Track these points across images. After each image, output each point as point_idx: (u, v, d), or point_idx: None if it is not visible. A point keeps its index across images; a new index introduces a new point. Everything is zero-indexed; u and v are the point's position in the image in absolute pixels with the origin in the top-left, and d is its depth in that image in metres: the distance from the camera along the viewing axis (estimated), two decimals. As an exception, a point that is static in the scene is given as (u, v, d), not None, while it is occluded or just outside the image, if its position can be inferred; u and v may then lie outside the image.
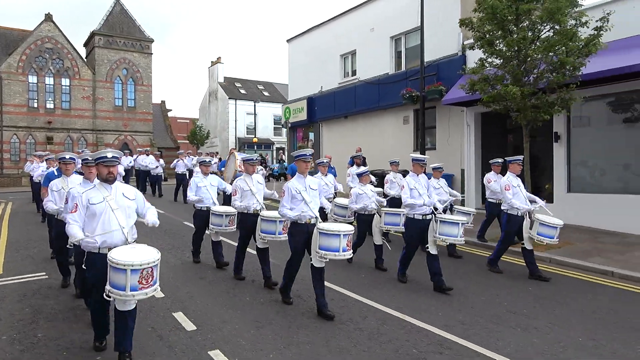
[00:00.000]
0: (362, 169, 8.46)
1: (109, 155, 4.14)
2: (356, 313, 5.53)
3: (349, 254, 5.35)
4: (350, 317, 5.39)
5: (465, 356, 4.40)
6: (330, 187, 9.27)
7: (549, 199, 10.95)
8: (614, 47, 10.04)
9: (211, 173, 8.21)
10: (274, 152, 41.39)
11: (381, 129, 17.31)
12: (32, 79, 34.72)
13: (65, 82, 35.87)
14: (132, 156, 18.93)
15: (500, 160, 9.11)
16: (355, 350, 4.52)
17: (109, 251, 3.91)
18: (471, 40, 10.03)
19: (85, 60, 37.41)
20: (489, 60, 9.85)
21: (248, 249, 6.97)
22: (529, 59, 8.94)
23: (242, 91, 43.08)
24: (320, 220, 5.49)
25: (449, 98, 13.37)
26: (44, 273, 7.10)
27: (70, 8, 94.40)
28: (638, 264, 8.03)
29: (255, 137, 37.16)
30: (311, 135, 22.17)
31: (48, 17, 35.39)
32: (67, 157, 6.31)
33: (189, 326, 5.01)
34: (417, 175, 6.80)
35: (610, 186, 11.22)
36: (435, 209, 6.57)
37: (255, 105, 36.55)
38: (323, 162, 9.37)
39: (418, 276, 7.07)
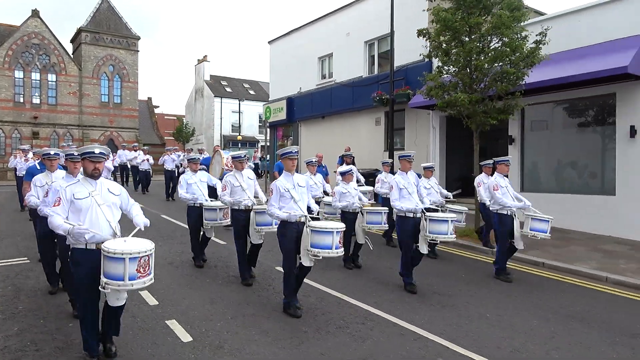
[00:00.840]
0: (346, 167, 8.47)
1: (96, 151, 4.09)
2: (303, 294, 5.96)
3: (341, 251, 5.32)
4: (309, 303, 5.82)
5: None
6: (319, 187, 9.15)
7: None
8: (566, 56, 10.99)
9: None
10: (259, 150, 42.07)
11: (355, 130, 18.14)
12: (19, 74, 34.96)
13: (51, 77, 36.16)
14: (136, 152, 17.91)
15: (490, 161, 9.03)
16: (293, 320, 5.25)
17: (96, 247, 3.90)
18: (429, 50, 10.83)
19: (71, 56, 37.70)
20: (446, 68, 10.69)
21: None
22: (477, 68, 9.78)
23: (228, 89, 43.65)
24: (310, 219, 5.42)
25: (415, 102, 14.22)
26: (26, 258, 7.80)
27: (57, 4, 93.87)
28: (568, 256, 8.93)
29: (239, 135, 37.78)
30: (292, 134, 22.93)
31: (35, 13, 35.64)
32: (52, 152, 6.22)
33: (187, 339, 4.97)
34: (406, 173, 6.71)
35: (557, 186, 12.17)
36: (425, 209, 6.53)
37: (239, 103, 37.14)
38: (312, 161, 9.16)
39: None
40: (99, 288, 3.80)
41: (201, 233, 7.63)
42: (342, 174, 8.05)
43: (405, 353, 4.57)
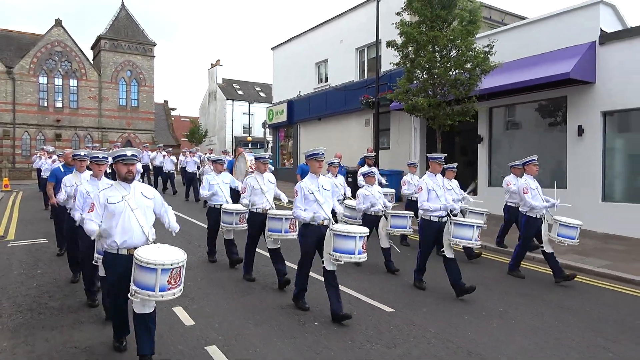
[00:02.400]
0: (366, 168, 8.20)
1: (128, 153, 4.03)
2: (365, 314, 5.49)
3: (364, 257, 5.16)
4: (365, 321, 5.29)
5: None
6: (341, 188, 8.90)
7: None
8: (523, 63, 12.16)
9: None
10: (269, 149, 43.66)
11: (347, 130, 19.47)
12: (43, 80, 37.26)
13: (73, 83, 38.38)
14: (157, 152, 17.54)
15: (519, 162, 8.72)
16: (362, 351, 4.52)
17: (128, 252, 3.87)
18: (398, 59, 12.12)
19: (92, 62, 39.90)
20: (414, 75, 11.98)
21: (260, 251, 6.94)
22: (437, 76, 11.05)
23: (240, 92, 45.40)
24: (334, 222, 5.34)
25: (395, 105, 15.47)
26: (45, 239, 9.38)
27: (79, 13, 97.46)
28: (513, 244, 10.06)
29: (249, 136, 39.40)
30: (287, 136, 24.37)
31: (58, 23, 37.90)
32: (82, 154, 6.29)
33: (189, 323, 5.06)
34: (435, 175, 6.52)
35: (521, 181, 13.28)
36: (452, 211, 6.41)
37: (249, 105, 38.76)
38: (334, 162, 8.92)
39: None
40: (128, 295, 3.74)
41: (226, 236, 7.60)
42: (364, 175, 7.93)
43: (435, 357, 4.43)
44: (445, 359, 4.44)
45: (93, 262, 3.85)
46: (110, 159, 4.96)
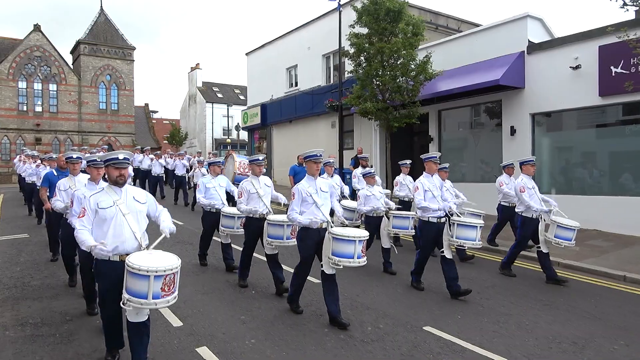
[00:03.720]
0: (367, 169, 8.12)
1: (120, 156, 3.94)
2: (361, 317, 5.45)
3: (363, 261, 5.05)
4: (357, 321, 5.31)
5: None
6: (337, 188, 8.61)
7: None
8: (465, 70, 13.48)
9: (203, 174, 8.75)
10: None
11: (315, 132, 20.67)
12: (22, 84, 37.74)
13: (52, 87, 38.91)
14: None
15: (512, 162, 9.07)
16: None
17: (119, 258, 3.75)
18: (352, 67, 13.36)
19: (71, 67, 40.45)
20: (366, 82, 13.22)
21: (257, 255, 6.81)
22: (382, 83, 12.31)
23: (219, 95, 46.28)
24: (333, 225, 5.18)
25: (355, 108, 16.73)
26: (27, 234, 10.35)
27: (58, 17, 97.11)
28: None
29: (228, 138, 40.35)
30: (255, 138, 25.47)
31: (36, 28, 38.41)
32: (74, 156, 6.19)
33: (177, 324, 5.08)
34: (431, 175, 6.46)
35: (467, 177, 14.65)
36: (451, 212, 6.40)
37: (228, 108, 39.70)
38: (330, 162, 8.83)
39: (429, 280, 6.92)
40: (121, 304, 3.61)
41: (221, 240, 7.45)
42: (364, 175, 7.88)
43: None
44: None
45: (121, 304, 3.58)
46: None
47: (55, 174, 7.06)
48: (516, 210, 7.51)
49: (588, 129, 12.10)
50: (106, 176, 4.12)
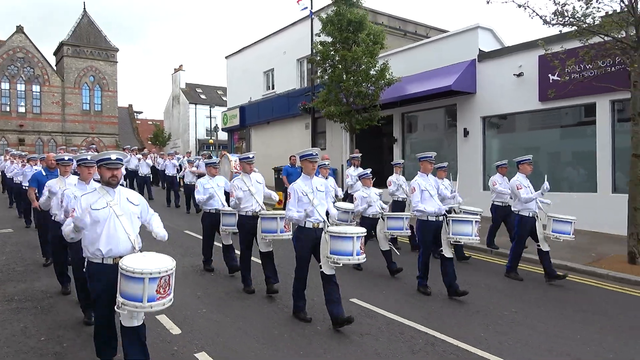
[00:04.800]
0: (361, 170, 8.13)
1: (113, 157, 3.84)
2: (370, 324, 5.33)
3: (363, 258, 5.04)
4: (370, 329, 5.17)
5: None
6: (332, 191, 8.52)
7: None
8: (425, 76, 14.53)
9: (198, 175, 9.07)
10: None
11: (291, 133, 21.62)
12: (5, 85, 38.12)
13: (35, 88, 39.35)
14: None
15: (505, 161, 9.11)
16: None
17: (113, 261, 3.66)
18: (319, 73, 14.34)
19: (54, 68, 40.89)
20: (330, 87, 14.21)
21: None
22: (345, 88, 13.31)
23: (202, 96, 46.95)
24: (329, 224, 5.18)
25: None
26: (11, 229, 11.13)
27: (41, 19, 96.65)
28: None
29: (211, 139, 41.08)
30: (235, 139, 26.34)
31: (19, 29, 38.79)
32: (66, 158, 6.15)
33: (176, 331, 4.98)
34: (427, 174, 6.47)
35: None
36: (448, 212, 6.41)
37: (210, 109, 40.44)
38: (325, 164, 8.78)
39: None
40: (115, 308, 3.53)
41: (222, 242, 7.30)
42: (361, 177, 7.88)
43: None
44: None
45: (116, 307, 3.50)
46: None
47: (44, 174, 6.99)
48: (512, 209, 7.47)
49: (531, 131, 13.22)
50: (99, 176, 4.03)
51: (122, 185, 4.13)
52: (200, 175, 11.15)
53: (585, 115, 11.72)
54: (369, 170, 8.02)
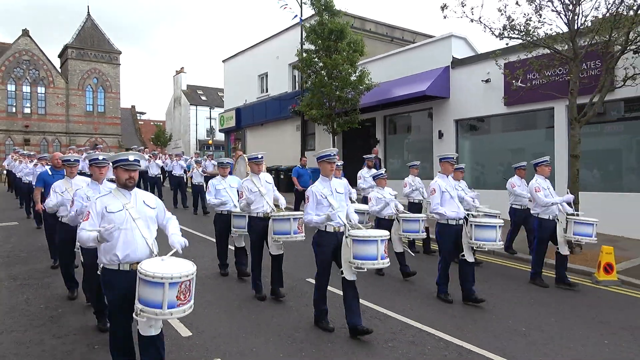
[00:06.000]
0: (378, 171, 7.93)
1: (131, 157, 3.67)
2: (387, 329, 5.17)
3: (387, 262, 4.82)
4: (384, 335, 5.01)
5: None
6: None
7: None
8: (403, 81, 15.47)
9: (210, 176, 9.16)
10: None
11: (283, 134, 22.61)
12: (11, 87, 39.30)
13: (41, 90, 40.50)
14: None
15: (524, 163, 8.83)
16: None
17: (130, 267, 3.52)
18: (303, 78, 15.32)
19: (59, 70, 42.05)
20: (314, 92, 15.17)
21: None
22: (326, 93, 14.27)
23: (203, 98, 48.07)
24: (350, 228, 4.96)
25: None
26: (17, 222, 12.15)
27: (46, 22, 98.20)
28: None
29: (211, 139, 42.16)
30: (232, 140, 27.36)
31: (25, 33, 39.97)
32: (72, 159, 6.09)
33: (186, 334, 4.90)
34: (447, 176, 6.28)
35: (405, 174, 16.66)
36: (467, 216, 6.25)
37: (210, 110, 41.52)
38: (338, 165, 8.22)
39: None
40: (133, 315, 3.36)
41: (235, 244, 7.16)
42: (375, 177, 7.75)
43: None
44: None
45: (134, 314, 3.33)
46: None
47: (50, 173, 7.01)
48: (531, 212, 7.26)
49: (499, 133, 14.14)
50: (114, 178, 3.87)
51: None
52: (212, 176, 11.12)
53: (546, 119, 12.63)
54: (383, 170, 7.90)
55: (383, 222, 7.47)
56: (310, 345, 4.75)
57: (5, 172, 19.00)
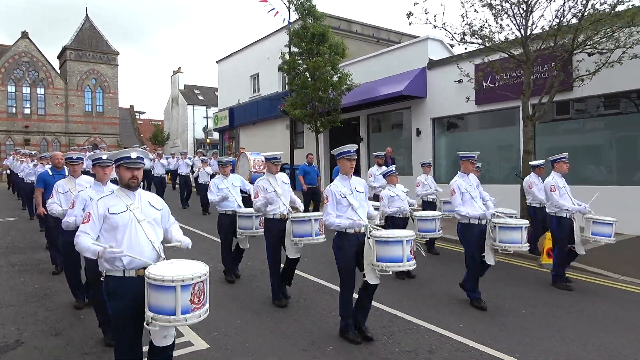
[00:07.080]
0: (388, 168, 7.76)
1: (133, 155, 3.39)
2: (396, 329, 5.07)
3: (414, 264, 4.53)
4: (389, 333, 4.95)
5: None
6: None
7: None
8: (382, 82, 16.23)
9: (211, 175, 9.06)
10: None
11: (273, 133, 23.38)
12: (11, 88, 40.10)
13: (40, 91, 41.29)
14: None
15: (542, 161, 8.53)
16: None
17: (136, 273, 3.23)
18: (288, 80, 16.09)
19: (58, 71, 42.83)
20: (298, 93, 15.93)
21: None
22: (309, 94, 15.03)
23: (200, 97, 48.83)
24: (371, 228, 4.69)
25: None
26: (15, 217, 12.95)
27: (45, 24, 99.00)
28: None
29: (208, 138, 42.93)
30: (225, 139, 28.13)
31: (24, 35, 40.74)
32: (75, 157, 5.85)
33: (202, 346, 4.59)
34: (467, 175, 6.04)
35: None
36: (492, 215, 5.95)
37: (207, 110, 42.27)
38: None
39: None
40: (144, 324, 3.09)
41: (234, 244, 6.94)
42: (386, 175, 7.57)
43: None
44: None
45: (145, 323, 3.11)
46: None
47: (51, 173, 6.84)
48: (547, 211, 7.00)
49: (472, 130, 14.90)
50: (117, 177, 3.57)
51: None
52: (214, 175, 10.95)
53: (513, 117, 13.38)
54: (393, 167, 7.76)
55: (397, 220, 7.23)
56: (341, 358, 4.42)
57: (7, 171, 19.67)
